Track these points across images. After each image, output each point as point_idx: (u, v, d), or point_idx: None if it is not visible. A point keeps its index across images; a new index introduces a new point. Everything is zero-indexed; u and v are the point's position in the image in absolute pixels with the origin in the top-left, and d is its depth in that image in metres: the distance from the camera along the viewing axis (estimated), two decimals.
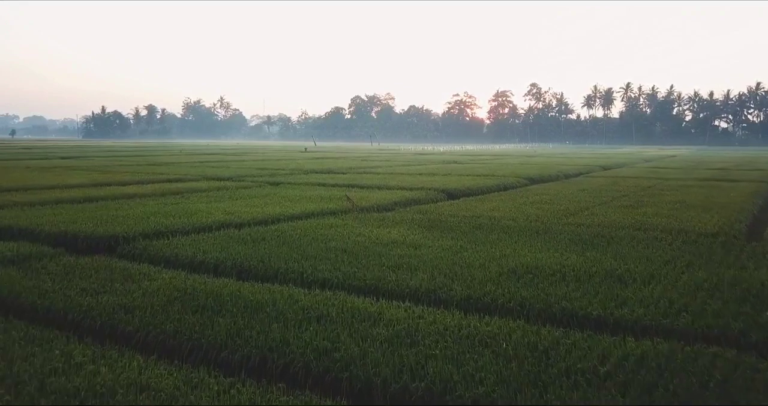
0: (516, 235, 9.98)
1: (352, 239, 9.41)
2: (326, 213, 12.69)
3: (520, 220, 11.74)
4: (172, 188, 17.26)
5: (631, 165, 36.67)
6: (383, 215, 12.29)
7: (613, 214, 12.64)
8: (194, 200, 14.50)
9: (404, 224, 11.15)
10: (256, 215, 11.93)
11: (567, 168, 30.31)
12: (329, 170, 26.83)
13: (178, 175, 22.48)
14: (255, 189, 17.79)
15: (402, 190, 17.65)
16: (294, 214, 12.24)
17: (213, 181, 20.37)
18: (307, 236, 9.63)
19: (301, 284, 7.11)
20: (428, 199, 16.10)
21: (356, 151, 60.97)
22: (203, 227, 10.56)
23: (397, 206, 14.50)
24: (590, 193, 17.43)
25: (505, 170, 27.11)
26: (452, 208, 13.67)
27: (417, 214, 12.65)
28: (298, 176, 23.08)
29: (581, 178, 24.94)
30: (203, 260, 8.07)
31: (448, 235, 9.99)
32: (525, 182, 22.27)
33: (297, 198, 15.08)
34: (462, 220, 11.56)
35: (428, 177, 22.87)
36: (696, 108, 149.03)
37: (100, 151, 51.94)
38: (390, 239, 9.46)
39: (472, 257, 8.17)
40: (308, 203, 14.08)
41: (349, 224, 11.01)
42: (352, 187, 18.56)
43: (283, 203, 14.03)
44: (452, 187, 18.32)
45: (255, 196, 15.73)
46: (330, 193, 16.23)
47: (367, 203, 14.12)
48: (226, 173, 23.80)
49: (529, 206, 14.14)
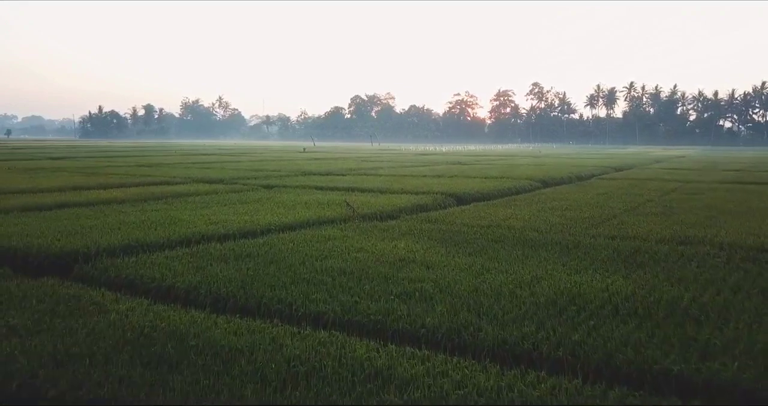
0: (543, 250, 8.58)
1: (353, 256, 8.00)
2: (323, 222, 11.28)
3: (544, 230, 10.33)
4: (156, 192, 15.85)
5: (643, 166, 35.27)
6: (388, 225, 10.89)
7: (646, 223, 11.24)
8: (177, 207, 13.10)
9: (412, 235, 9.74)
10: (243, 224, 10.52)
11: (577, 169, 28.92)
12: (328, 172, 25.43)
13: (166, 178, 21.09)
14: (247, 193, 16.38)
15: (407, 194, 16.25)
16: (287, 223, 10.83)
17: (202, 185, 18.96)
18: (300, 252, 8.22)
19: (290, 318, 5.72)
20: (436, 204, 14.70)
21: (356, 152, 59.58)
22: (181, 239, 9.15)
23: (402, 212, 13.10)
24: (611, 197, 16.03)
25: (513, 172, 25.70)
26: (464, 215, 12.27)
27: (425, 223, 11.25)
28: (295, 178, 21.68)
29: (595, 180, 23.54)
30: (173, 285, 6.67)
31: (464, 250, 8.58)
32: (537, 185, 20.87)
33: (291, 204, 13.67)
34: (478, 230, 10.14)
35: (434, 179, 21.47)
36: (700, 108, 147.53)
37: (92, 152, 50.56)
38: (397, 255, 8.05)
39: (498, 280, 6.76)
40: (304, 209, 12.68)
41: (348, 236, 9.60)
42: (353, 191, 17.16)
43: (275, 209, 12.63)
44: (461, 191, 16.91)
45: (246, 201, 14.33)
46: (328, 198, 14.82)
47: (368, 210, 12.73)
48: (218, 175, 22.40)
49: (548, 212, 12.74)
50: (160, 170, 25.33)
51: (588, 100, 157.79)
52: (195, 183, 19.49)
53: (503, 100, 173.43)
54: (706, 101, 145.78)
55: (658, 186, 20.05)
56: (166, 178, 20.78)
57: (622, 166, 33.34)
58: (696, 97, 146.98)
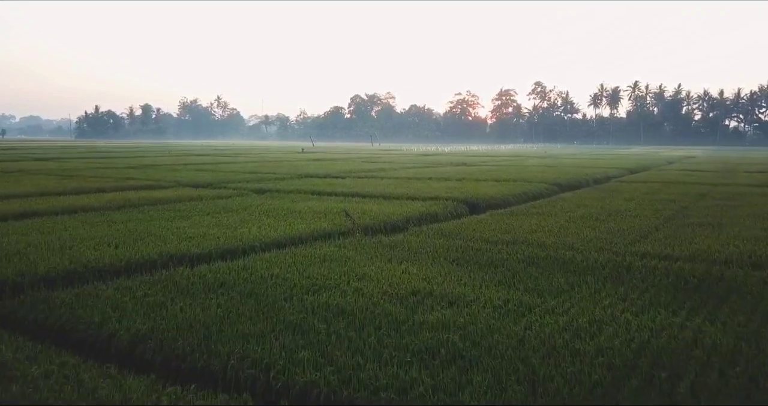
0: (590, 276, 6.91)
1: (353, 287, 6.33)
2: (318, 236, 9.62)
3: (581, 248, 8.66)
4: (133, 199, 14.18)
5: (657, 167, 33.60)
6: (394, 240, 9.22)
7: (698, 238, 9.56)
8: (152, 217, 11.43)
9: (425, 255, 8.08)
10: (223, 240, 8.85)
11: (591, 171, 27.26)
12: (326, 174, 23.76)
13: (151, 181, 19.42)
14: (235, 199, 14.72)
15: (413, 200, 14.58)
16: (275, 239, 9.16)
17: (188, 189, 17.29)
18: (287, 281, 6.56)
19: (265, 392, 4.06)
20: (447, 212, 13.04)
21: (356, 152, 57.90)
22: (144, 262, 7.49)
23: (410, 223, 11.44)
24: (641, 204, 14.36)
25: (525, 174, 24.02)
26: (482, 227, 10.59)
27: (438, 237, 9.58)
28: (291, 182, 20.01)
29: (614, 183, 21.85)
30: (114, 334, 5.01)
31: (492, 276, 6.92)
32: (554, 189, 19.21)
33: (283, 213, 12.01)
34: (503, 248, 8.47)
35: (440, 183, 19.80)
36: (705, 107, 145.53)
37: (84, 153, 48.92)
38: (409, 285, 6.38)
39: (547, 326, 5.10)
40: (297, 220, 11.01)
41: (348, 256, 7.94)
42: (353, 197, 15.50)
43: (264, 220, 10.96)
44: (472, 197, 15.25)
45: (232, 209, 12.67)
46: (325, 206, 13.16)
47: (371, 220, 11.07)
48: (207, 178, 20.72)
49: (578, 223, 11.07)
50: (146, 173, 23.66)
51: (591, 99, 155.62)
52: (180, 188, 17.83)
53: (505, 99, 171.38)
54: (712, 101, 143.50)
55: (684, 190, 18.38)
56: (150, 182, 19.11)
57: (636, 168, 31.66)
58: (701, 97, 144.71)
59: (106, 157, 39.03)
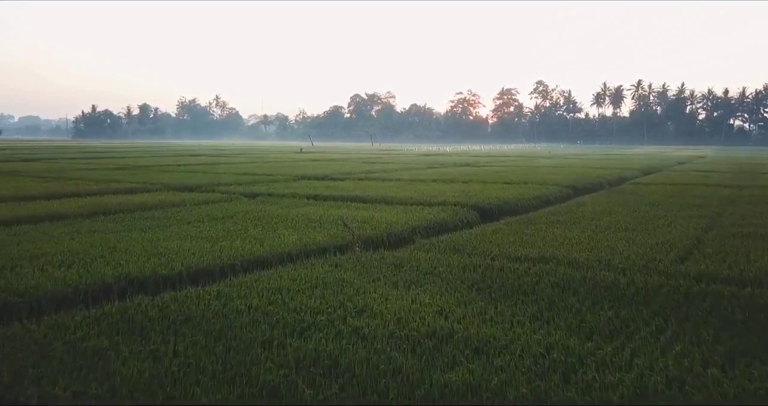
0: (642, 308, 5.58)
1: (351, 326, 5.00)
2: (311, 251, 8.29)
3: (620, 267, 7.32)
4: (111, 204, 12.87)
5: (669, 168, 32.28)
6: (399, 256, 7.88)
7: (756, 253, 8.21)
8: (125, 226, 10.11)
9: (437, 277, 6.75)
10: (198, 258, 7.52)
11: (602, 172, 25.96)
12: (324, 176, 22.43)
13: (136, 184, 18.09)
14: (223, 205, 13.39)
15: (418, 205, 13.26)
16: (259, 255, 7.83)
17: (174, 193, 15.97)
18: (268, 318, 5.22)
19: None
20: (457, 220, 11.71)
21: (356, 152, 56.58)
22: (96, 288, 6.17)
23: (416, 233, 10.11)
24: (669, 210, 13.03)
25: (534, 175, 22.69)
26: (499, 238, 9.26)
27: (451, 253, 8.25)
28: (286, 185, 18.69)
29: (629, 186, 20.54)
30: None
31: (523, 308, 5.59)
32: (568, 192, 17.91)
33: (273, 221, 10.68)
34: (530, 268, 7.13)
35: (446, 185, 18.47)
36: (710, 106, 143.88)
37: (75, 153, 47.62)
38: (423, 324, 5.04)
39: (610, 393, 3.77)
40: (288, 231, 9.68)
41: (346, 279, 6.61)
42: (352, 201, 14.18)
43: (249, 231, 9.62)
44: (483, 201, 13.92)
45: (217, 216, 11.34)
46: (321, 213, 11.83)
47: (372, 230, 9.75)
48: (197, 181, 19.39)
49: (607, 234, 9.73)
50: (133, 175, 22.33)
51: (594, 98, 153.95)
52: (166, 191, 16.51)
53: (506, 98, 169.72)
54: (716, 100, 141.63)
55: (708, 194, 17.05)
56: (134, 185, 17.78)
57: (648, 169, 30.34)
58: (705, 96, 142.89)
59: (98, 158, 37.72)
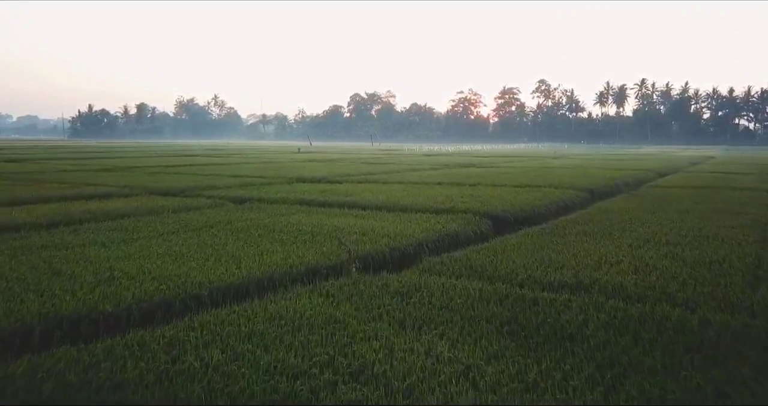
0: (744, 369, 4.13)
1: (346, 402, 3.54)
2: (297, 275, 6.84)
3: (684, 298, 5.87)
4: (77, 212, 11.42)
5: (684, 169, 30.83)
6: (406, 282, 6.42)
7: None
8: (84, 240, 8.65)
9: (455, 314, 5.29)
10: (157, 285, 6.06)
11: (616, 174, 24.49)
12: (321, 178, 20.97)
13: (115, 188, 16.64)
14: (205, 212, 11.94)
15: (424, 213, 11.81)
16: (233, 281, 6.36)
17: (155, 198, 14.52)
18: (231, 385, 3.76)
19: None
20: (469, 231, 10.24)
21: (356, 153, 55.12)
22: (12, 334, 4.71)
23: (424, 248, 8.67)
24: (704, 218, 11.58)
25: (545, 178, 21.22)
26: (523, 257, 7.79)
27: (468, 276, 6.79)
28: (279, 188, 17.22)
29: (649, 189, 19.07)
30: None
31: (575, 365, 4.14)
32: (586, 197, 16.46)
33: (257, 233, 9.22)
34: (570, 300, 5.67)
35: (453, 189, 17.00)
36: (714, 105, 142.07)
37: (64, 153, 46.19)
38: (446, 396, 3.59)
39: None
40: (272, 246, 8.21)
41: (338, 318, 5.15)
42: (350, 207, 12.73)
43: (228, 246, 8.16)
44: (496, 208, 12.46)
45: (195, 227, 9.90)
46: (314, 223, 10.38)
47: (372, 245, 8.30)
48: (184, 183, 17.92)
49: (650, 251, 8.26)
50: (117, 177, 20.88)
51: (597, 97, 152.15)
52: (146, 196, 15.05)
53: (508, 98, 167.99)
54: (721, 99, 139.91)
55: (740, 198, 15.62)
56: (113, 188, 16.32)
57: (663, 170, 28.85)
58: (710, 95, 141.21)
59: (87, 158, 36.26)
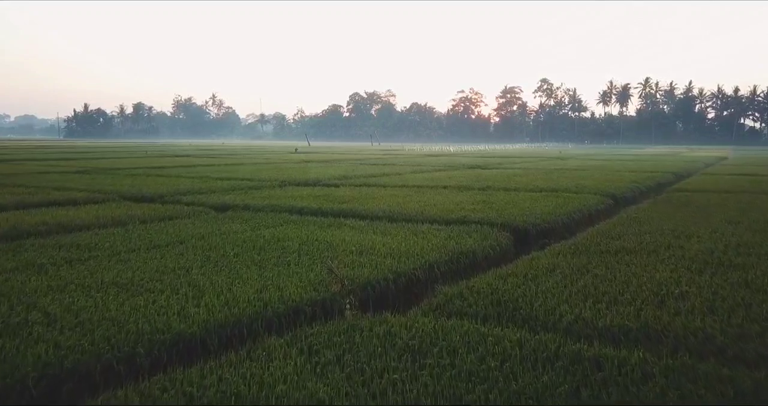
0: None
1: None
2: (275, 317, 5.19)
3: None
4: (29, 224, 9.80)
5: (701, 171, 29.19)
6: (418, 329, 4.78)
7: None
8: (20, 261, 7.01)
9: (494, 389, 3.64)
10: (77, 339, 4.42)
11: (633, 176, 22.82)
12: (317, 181, 19.33)
13: (84, 192, 15.00)
14: (179, 222, 10.31)
15: (432, 224, 10.19)
16: (185, 331, 4.71)
17: (126, 204, 12.90)
18: None
19: None
20: (487, 247, 8.58)
21: (355, 153, 53.44)
22: None
23: (436, 272, 7.02)
24: (756, 231, 9.94)
25: (560, 181, 19.57)
26: (562, 287, 6.12)
27: (499, 321, 5.16)
28: (269, 192, 15.59)
29: (675, 193, 17.30)
30: None
31: None
32: (609, 203, 14.82)
33: (233, 253, 7.57)
34: (645, 360, 4.03)
35: (461, 194, 15.35)
36: (720, 105, 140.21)
37: (50, 153, 44.56)
38: None
39: None
40: (248, 271, 6.55)
41: (325, 401, 3.50)
42: (347, 217, 11.10)
43: (191, 272, 6.50)
44: (514, 218, 10.82)
45: (161, 243, 8.27)
46: (303, 237, 8.74)
47: (372, 269, 6.66)
48: (161, 188, 16.27)
49: (715, 277, 6.62)
50: (92, 179, 19.24)
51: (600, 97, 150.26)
52: (116, 202, 13.43)
53: (510, 97, 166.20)
54: (726, 98, 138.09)
55: None
56: (82, 194, 14.67)
57: (680, 172, 27.19)
58: (715, 94, 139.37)
59: (71, 159, 34.56)
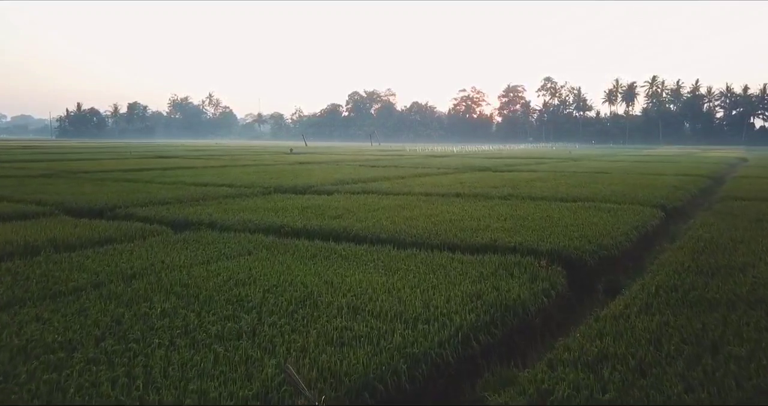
0: None
1: None
2: None
3: None
4: None
5: (734, 173, 26.56)
6: None
7: None
8: None
9: None
10: None
11: (666, 180, 20.18)
12: (307, 186, 16.68)
13: (20, 205, 12.39)
14: (111, 250, 7.69)
15: (453, 252, 7.60)
16: None
17: (63, 220, 10.29)
18: None
19: None
20: (539, 295, 5.94)
21: (354, 153, 50.72)
22: None
23: (473, 349, 4.39)
24: None
25: (589, 188, 16.91)
26: (684, 381, 3.49)
27: None
28: (248, 202, 12.96)
29: (728, 202, 14.62)
30: None
31: None
32: (660, 215, 12.17)
33: (161, 310, 4.91)
34: None
35: (478, 204, 12.70)
36: (728, 104, 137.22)
37: (31, 154, 41.92)
38: None
39: None
40: (164, 364, 3.90)
41: None
42: (338, 240, 8.47)
43: (65, 366, 3.85)
44: (558, 241, 8.20)
45: (62, 290, 5.67)
46: (273, 278, 6.12)
47: (371, 355, 4.02)
48: (120, 196, 13.60)
49: None
50: (43, 186, 16.63)
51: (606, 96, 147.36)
52: (51, 217, 10.81)
53: (512, 96, 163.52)
54: (735, 97, 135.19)
55: None
56: (18, 206, 12.08)
57: (713, 175, 24.54)
58: (723, 93, 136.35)
59: (42, 160, 31.84)
